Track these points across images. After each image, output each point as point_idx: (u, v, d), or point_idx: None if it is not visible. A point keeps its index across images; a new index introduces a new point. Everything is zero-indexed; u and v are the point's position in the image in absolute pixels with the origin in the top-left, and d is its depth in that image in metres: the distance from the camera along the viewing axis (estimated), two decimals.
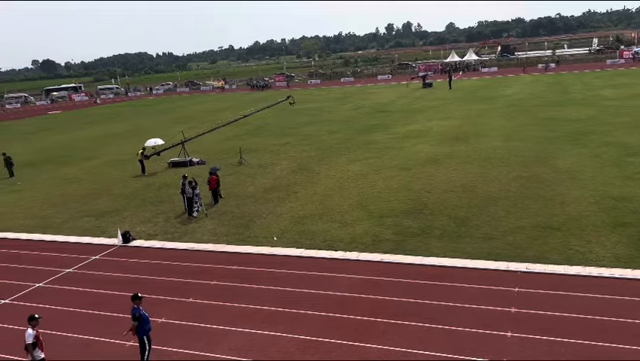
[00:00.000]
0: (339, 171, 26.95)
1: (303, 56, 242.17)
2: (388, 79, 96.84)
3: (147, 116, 64.86)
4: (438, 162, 26.88)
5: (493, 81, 72.69)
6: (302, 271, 15.55)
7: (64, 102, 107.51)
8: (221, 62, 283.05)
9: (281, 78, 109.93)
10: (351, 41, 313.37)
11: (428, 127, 38.05)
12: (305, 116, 50.14)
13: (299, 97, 71.83)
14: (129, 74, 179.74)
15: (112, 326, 13.15)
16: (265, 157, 32.28)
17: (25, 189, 29.27)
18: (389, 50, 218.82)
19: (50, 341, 12.57)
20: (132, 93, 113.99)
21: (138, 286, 15.24)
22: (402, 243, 16.87)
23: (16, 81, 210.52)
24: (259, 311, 13.34)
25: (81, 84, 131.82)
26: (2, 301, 15.28)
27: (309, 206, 21.63)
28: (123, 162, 34.47)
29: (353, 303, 13.28)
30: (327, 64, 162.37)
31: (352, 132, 38.84)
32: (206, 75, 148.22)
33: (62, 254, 18.71)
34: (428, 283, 14.04)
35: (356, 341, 11.52)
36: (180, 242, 19.01)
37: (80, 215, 23.31)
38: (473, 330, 11.58)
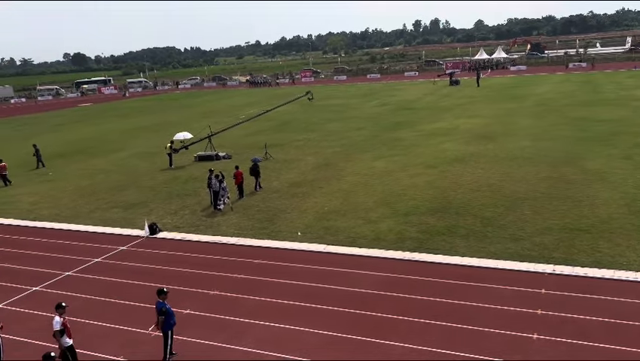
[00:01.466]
0: (364, 168, 26.88)
1: (329, 52, 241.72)
2: (414, 76, 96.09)
3: (175, 110, 65.62)
4: (465, 161, 26.60)
5: (522, 80, 71.54)
6: (325, 266, 15.58)
7: (94, 95, 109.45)
8: (248, 57, 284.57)
9: (307, 74, 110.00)
10: (377, 38, 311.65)
11: (454, 125, 37.67)
12: (330, 113, 50.11)
13: (325, 93, 71.87)
14: (157, 68, 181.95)
15: (138, 315, 13.37)
16: (290, 152, 32.39)
17: (55, 180, 29.92)
18: (416, 47, 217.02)
19: (78, 328, 12.86)
20: (160, 87, 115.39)
21: (163, 278, 15.50)
22: (427, 241, 16.76)
23: (48, 74, 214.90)
24: (282, 305, 13.42)
25: (110, 77, 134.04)
26: (33, 289, 15.68)
27: (333, 202, 21.64)
28: (151, 155, 34.96)
29: (376, 300, 13.26)
30: (354, 60, 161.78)
31: (378, 129, 38.69)
32: (233, 70, 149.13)
33: (91, 244, 19.10)
34: (452, 282, 13.92)
35: (379, 339, 11.50)
36: (205, 235, 19.22)
37: (108, 206, 23.75)
38: (498, 331, 11.46)
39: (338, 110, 51.49)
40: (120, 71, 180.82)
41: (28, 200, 25.85)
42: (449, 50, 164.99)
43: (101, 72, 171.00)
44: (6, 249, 19.26)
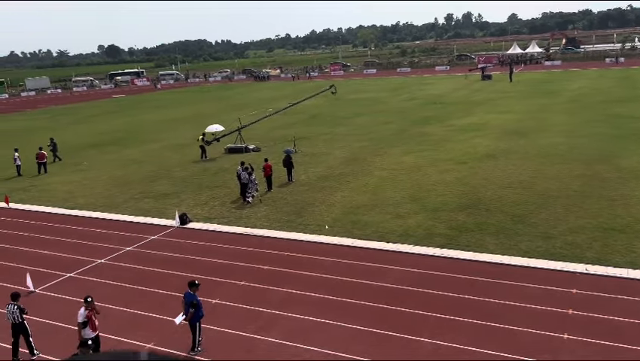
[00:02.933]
0: (393, 163, 26.76)
1: (359, 46, 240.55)
2: (445, 70, 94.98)
3: (205, 102, 66.32)
4: (496, 157, 26.23)
5: (557, 75, 70.01)
6: (353, 260, 15.61)
7: (127, 87, 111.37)
8: (278, 50, 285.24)
9: (337, 67, 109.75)
10: (408, 31, 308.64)
11: (486, 120, 37.14)
12: (359, 106, 49.95)
13: (354, 87, 71.64)
14: (188, 61, 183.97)
15: (168, 303, 13.63)
16: (318, 146, 32.44)
17: (89, 170, 30.63)
18: (448, 41, 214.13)
19: (109, 315, 13.21)
20: (191, 79, 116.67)
21: (193, 267, 15.77)
22: (456, 238, 16.63)
23: (82, 65, 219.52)
24: (309, 298, 13.52)
25: (143, 70, 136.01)
26: (68, 275, 16.14)
27: (361, 196, 21.63)
28: (182, 147, 35.46)
29: (404, 296, 13.24)
30: (384, 54, 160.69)
31: (407, 124, 38.42)
32: (263, 63, 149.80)
33: (123, 233, 19.53)
34: (482, 279, 13.80)
35: (407, 334, 11.51)
36: (234, 226, 19.45)
37: (141, 196, 24.22)
38: (528, 330, 11.33)
39: (367, 104, 51.29)
40: (153, 63, 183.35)
41: (64, 188, 26.53)
42: (482, 44, 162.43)
43: (134, 64, 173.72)
44: (43, 236, 19.85)
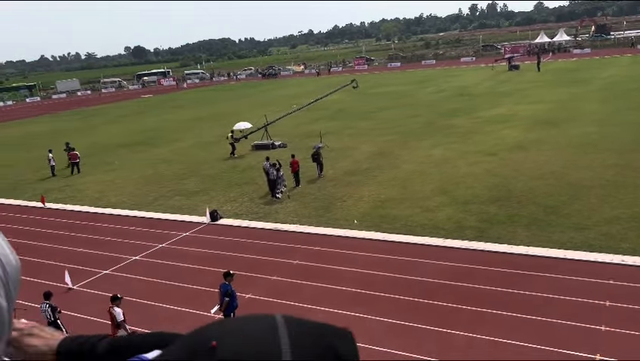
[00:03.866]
0: (421, 156, 26.60)
1: (382, 39, 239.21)
2: (471, 61, 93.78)
3: (230, 100, 66.86)
4: (526, 148, 25.84)
5: (586, 63, 68.48)
6: (383, 255, 15.61)
7: (154, 87, 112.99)
8: (301, 46, 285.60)
9: (361, 62, 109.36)
10: (432, 23, 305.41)
11: (514, 111, 36.59)
12: (385, 100, 49.72)
13: (378, 80, 71.31)
14: (213, 60, 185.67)
15: (201, 299, 13.86)
16: (345, 141, 32.42)
17: (120, 169, 31.22)
18: (473, 32, 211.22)
19: (144, 310, 13.53)
20: (216, 78, 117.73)
21: (225, 263, 15.96)
22: (487, 230, 16.48)
23: (110, 67, 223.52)
24: (341, 292, 13.58)
25: (169, 69, 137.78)
26: (104, 272, 16.53)
27: (389, 190, 21.57)
28: (209, 145, 35.86)
29: (437, 289, 13.19)
30: (408, 46, 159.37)
31: (434, 116, 38.10)
32: (286, 60, 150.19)
33: (156, 230, 19.89)
34: (515, 272, 13.66)
35: (441, 327, 11.47)
36: (264, 222, 19.64)
37: (171, 194, 24.61)
38: (564, 322, 11.18)
39: (392, 98, 51.03)
40: (178, 63, 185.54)
41: (96, 188, 27.13)
42: (508, 34, 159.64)
43: (160, 64, 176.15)
44: (78, 234, 20.35)
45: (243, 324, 0.78)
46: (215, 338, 0.74)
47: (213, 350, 0.73)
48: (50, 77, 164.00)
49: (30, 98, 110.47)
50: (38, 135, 48.85)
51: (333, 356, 0.78)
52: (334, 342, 0.80)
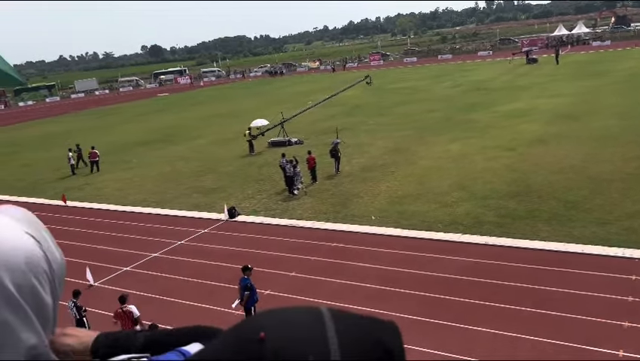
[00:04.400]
0: (438, 151, 26.43)
1: (398, 34, 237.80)
2: (488, 55, 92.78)
3: (246, 97, 67.06)
4: (545, 142, 25.53)
5: (606, 55, 67.37)
6: (402, 251, 15.56)
7: (170, 85, 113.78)
8: (316, 42, 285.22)
9: (376, 57, 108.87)
10: (448, 17, 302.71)
11: (533, 105, 36.15)
12: (401, 95, 49.46)
13: (395, 76, 70.96)
14: (228, 57, 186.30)
15: (221, 295, 13.95)
16: (361, 137, 32.34)
17: (139, 167, 31.53)
18: (489, 25, 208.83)
19: (165, 306, 13.66)
20: (233, 76, 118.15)
21: (243, 259, 16.01)
22: (506, 226, 16.32)
23: (127, 66, 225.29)
24: (360, 288, 13.57)
25: (186, 68, 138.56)
26: (124, 269, 16.73)
27: (406, 186, 21.48)
28: (227, 142, 36.01)
29: (457, 285, 13.11)
30: (424, 41, 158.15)
31: (451, 111, 37.81)
32: (301, 57, 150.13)
33: (175, 227, 20.06)
34: (535, 267, 13.52)
35: (463, 323, 11.39)
36: (281, 218, 19.69)
37: (190, 191, 24.79)
38: (586, 318, 11.05)
39: (409, 93, 50.75)
40: (194, 62, 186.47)
41: (116, 186, 27.44)
42: (525, 27, 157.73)
43: (176, 63, 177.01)
44: (99, 232, 20.61)
45: (290, 316, 0.78)
46: (263, 330, 0.74)
47: (262, 341, 0.73)
48: (68, 76, 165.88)
49: (50, 97, 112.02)
50: (57, 135, 49.52)
51: (382, 351, 0.78)
52: (382, 337, 0.79)
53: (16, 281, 0.87)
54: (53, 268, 0.94)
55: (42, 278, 0.91)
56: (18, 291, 0.87)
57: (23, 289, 0.88)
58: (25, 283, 0.89)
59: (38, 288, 0.91)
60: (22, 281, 0.88)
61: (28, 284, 0.89)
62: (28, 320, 0.88)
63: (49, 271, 0.93)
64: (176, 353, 1.00)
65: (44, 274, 0.92)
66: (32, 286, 0.90)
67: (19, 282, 0.88)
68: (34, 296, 0.90)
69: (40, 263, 0.91)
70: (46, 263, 0.93)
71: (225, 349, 0.76)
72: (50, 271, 0.93)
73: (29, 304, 0.89)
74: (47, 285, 0.92)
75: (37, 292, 0.90)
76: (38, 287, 0.91)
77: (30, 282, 0.89)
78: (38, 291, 0.91)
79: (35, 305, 0.90)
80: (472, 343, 10.72)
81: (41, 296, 0.91)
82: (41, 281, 0.91)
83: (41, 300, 0.91)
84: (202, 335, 1.08)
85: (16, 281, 0.87)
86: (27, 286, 0.89)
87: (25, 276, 0.89)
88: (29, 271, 0.90)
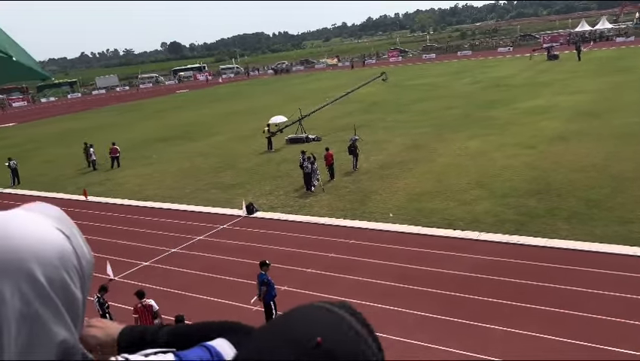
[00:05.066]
0: (457, 148, 26.24)
1: (417, 31, 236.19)
2: (509, 52, 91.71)
3: (264, 94, 67.24)
4: (566, 140, 25.18)
5: (630, 51, 66.05)
6: (419, 248, 15.50)
7: (189, 82, 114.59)
8: (335, 39, 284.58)
9: (395, 54, 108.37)
10: (468, 13, 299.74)
11: (554, 102, 35.66)
12: (419, 92, 49.17)
13: (413, 72, 70.54)
14: (247, 54, 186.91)
15: (239, 290, 14.06)
16: (379, 134, 32.24)
17: (158, 163, 31.85)
18: (510, 21, 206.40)
19: (185, 301, 13.79)
20: (252, 72, 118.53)
21: (261, 255, 16.08)
22: (526, 224, 16.16)
23: (147, 62, 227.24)
24: (377, 285, 13.56)
25: (205, 65, 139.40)
26: (144, 263, 16.94)
27: (425, 183, 21.38)
28: (245, 138, 36.19)
29: (475, 283, 13.03)
30: (443, 37, 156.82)
31: (470, 108, 37.48)
32: (320, 53, 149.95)
33: (194, 223, 20.24)
34: (555, 266, 13.37)
35: (478, 322, 11.33)
36: (299, 215, 19.75)
37: (208, 187, 24.98)
38: (605, 318, 10.90)
39: (427, 90, 50.42)
40: (213, 58, 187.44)
41: (135, 181, 27.76)
42: (547, 23, 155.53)
43: (195, 60, 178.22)
44: (119, 227, 20.90)
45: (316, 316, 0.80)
46: (313, 334, 0.76)
47: (319, 346, 0.75)
48: (90, 73, 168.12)
49: (71, 94, 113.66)
50: (78, 131, 50.22)
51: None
52: None
53: (48, 275, 0.89)
54: (83, 264, 0.97)
55: (73, 273, 0.93)
56: (50, 284, 0.89)
57: (55, 283, 0.90)
58: (56, 278, 0.90)
59: (68, 282, 0.92)
60: (53, 275, 0.90)
61: (59, 278, 0.91)
62: (59, 313, 0.90)
63: (79, 267, 0.95)
64: (202, 349, 1.02)
65: (75, 269, 0.94)
66: (63, 281, 0.91)
67: (51, 276, 0.89)
68: (65, 291, 0.91)
69: (70, 258, 0.94)
70: (76, 259, 0.95)
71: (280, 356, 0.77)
72: (80, 266, 0.96)
73: (60, 298, 0.90)
74: (77, 280, 0.94)
75: (68, 286, 0.92)
76: (69, 282, 0.92)
77: (61, 276, 0.91)
78: (68, 285, 0.92)
79: (66, 300, 0.92)
80: (487, 341, 10.66)
81: (72, 291, 0.93)
82: (71, 276, 0.93)
83: (72, 294, 0.93)
84: (227, 330, 1.11)
85: (48, 275, 0.89)
86: (58, 281, 0.90)
87: (57, 270, 0.90)
88: (61, 266, 0.91)
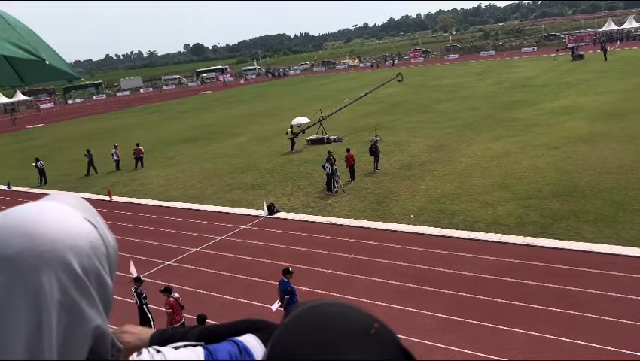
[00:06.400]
0: (480, 149, 25.99)
1: (439, 31, 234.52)
2: (533, 52, 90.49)
3: (285, 95, 67.49)
4: (592, 141, 24.75)
5: None
6: (440, 250, 15.40)
7: (211, 83, 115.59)
8: (356, 40, 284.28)
9: (417, 54, 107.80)
10: (491, 13, 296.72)
11: (579, 103, 35.09)
12: (442, 93, 48.83)
13: (435, 73, 70.08)
14: (268, 55, 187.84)
15: (260, 290, 14.14)
16: (400, 134, 32.11)
17: (181, 163, 32.20)
18: (534, 21, 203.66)
19: (206, 301, 13.93)
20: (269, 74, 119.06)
21: (282, 256, 16.23)
22: (549, 226, 15.94)
23: (170, 64, 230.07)
24: (397, 287, 13.51)
25: (227, 66, 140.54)
26: (167, 263, 17.15)
27: (447, 185, 21.22)
28: (266, 139, 36.38)
29: (496, 285, 12.90)
30: (466, 38, 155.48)
31: (493, 109, 37.09)
32: (341, 54, 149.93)
33: (215, 223, 20.43)
34: (579, 269, 13.16)
35: (499, 324, 11.22)
36: (319, 215, 19.78)
37: (230, 188, 25.19)
38: (629, 322, 10.69)
39: (450, 90, 50.04)
40: (235, 60, 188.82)
41: (159, 182, 28.12)
42: (572, 23, 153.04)
43: (217, 61, 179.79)
44: (143, 226, 21.20)
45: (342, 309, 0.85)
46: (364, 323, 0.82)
47: (377, 331, 0.81)
48: (114, 75, 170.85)
49: (97, 95, 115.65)
50: (103, 131, 51.08)
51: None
52: None
53: (83, 264, 0.94)
54: (110, 251, 1.02)
55: (103, 261, 0.99)
56: (85, 274, 0.94)
57: (89, 272, 0.95)
58: (90, 267, 0.95)
59: (101, 270, 0.98)
60: (87, 264, 0.95)
61: (93, 267, 0.96)
62: (94, 301, 0.95)
63: (107, 254, 1.01)
64: (230, 343, 1.05)
65: (104, 257, 1.00)
66: (96, 269, 0.97)
67: (85, 265, 0.95)
68: (97, 278, 0.97)
69: (100, 247, 0.99)
70: (104, 246, 1.00)
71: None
72: (108, 253, 1.01)
73: (94, 286, 0.96)
74: (107, 267, 1.00)
75: (100, 274, 0.98)
76: (101, 270, 0.98)
77: (94, 265, 0.96)
78: (101, 273, 0.98)
79: (99, 287, 0.97)
80: (508, 344, 10.54)
81: (104, 278, 0.98)
82: (102, 264, 0.98)
83: (104, 282, 0.98)
84: (254, 327, 1.14)
85: (83, 264, 0.94)
86: (92, 269, 0.96)
87: (90, 259, 0.96)
88: (93, 255, 0.96)
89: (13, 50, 1.46)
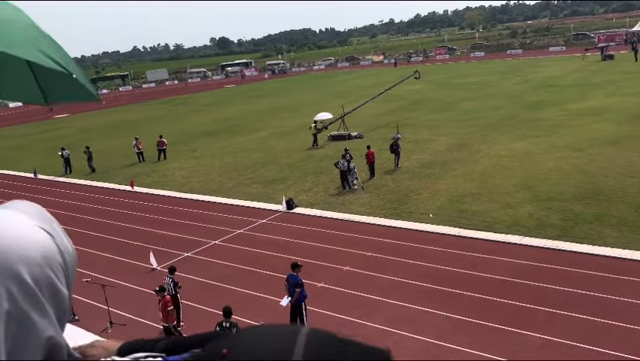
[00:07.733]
0: (502, 150, 25.66)
1: (466, 28, 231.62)
2: (561, 51, 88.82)
3: (308, 90, 67.47)
4: (618, 144, 24.24)
5: None
6: (459, 250, 15.28)
7: (236, 77, 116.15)
8: (381, 36, 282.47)
9: (442, 51, 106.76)
10: (519, 11, 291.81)
11: (607, 104, 34.37)
12: (466, 91, 48.30)
13: (460, 71, 69.30)
14: (293, 50, 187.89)
15: (276, 284, 14.18)
16: (422, 132, 31.88)
17: (203, 156, 32.49)
18: (563, 20, 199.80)
19: (224, 293, 14.06)
20: (295, 68, 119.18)
21: (299, 251, 16.28)
22: (571, 229, 15.68)
23: (196, 57, 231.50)
24: (414, 286, 13.46)
25: (252, 60, 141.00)
26: (186, 254, 17.35)
27: (467, 184, 21.02)
28: (287, 134, 36.47)
29: (513, 288, 12.76)
30: (493, 35, 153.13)
31: (518, 108, 36.56)
32: (366, 50, 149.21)
33: (235, 216, 20.59)
34: (599, 274, 12.94)
35: (515, 328, 11.11)
36: (338, 212, 19.77)
37: (250, 182, 25.34)
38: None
39: (474, 89, 49.45)
40: (260, 54, 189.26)
41: (181, 174, 28.43)
42: (602, 22, 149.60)
43: (242, 55, 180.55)
44: (163, 217, 21.47)
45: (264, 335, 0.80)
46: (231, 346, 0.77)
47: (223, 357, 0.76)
48: (141, 67, 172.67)
49: (123, 87, 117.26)
50: (128, 122, 51.78)
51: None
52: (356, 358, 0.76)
53: (34, 275, 0.92)
54: (67, 259, 1.00)
55: (58, 271, 0.97)
56: (36, 284, 0.92)
57: (41, 282, 0.92)
58: (42, 277, 0.93)
59: (54, 280, 0.95)
60: (39, 275, 0.93)
61: (45, 277, 0.94)
62: (45, 312, 0.93)
63: (63, 263, 0.99)
64: (190, 354, 1.04)
65: (60, 266, 0.98)
66: (49, 279, 0.94)
67: (36, 275, 0.92)
68: (50, 288, 0.95)
69: (55, 256, 0.97)
70: (60, 256, 0.98)
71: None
72: (64, 263, 0.99)
73: (46, 296, 0.93)
74: (62, 277, 0.98)
75: (54, 284, 0.95)
76: (54, 279, 0.95)
77: (47, 275, 0.94)
78: (54, 283, 0.95)
79: (51, 297, 0.95)
80: (524, 348, 10.43)
81: (58, 288, 0.96)
82: (57, 274, 0.96)
83: (58, 291, 0.96)
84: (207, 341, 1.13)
85: (34, 275, 0.92)
86: (44, 279, 0.93)
87: (42, 269, 0.93)
88: (46, 265, 0.94)
89: (42, 58, 1.48)
